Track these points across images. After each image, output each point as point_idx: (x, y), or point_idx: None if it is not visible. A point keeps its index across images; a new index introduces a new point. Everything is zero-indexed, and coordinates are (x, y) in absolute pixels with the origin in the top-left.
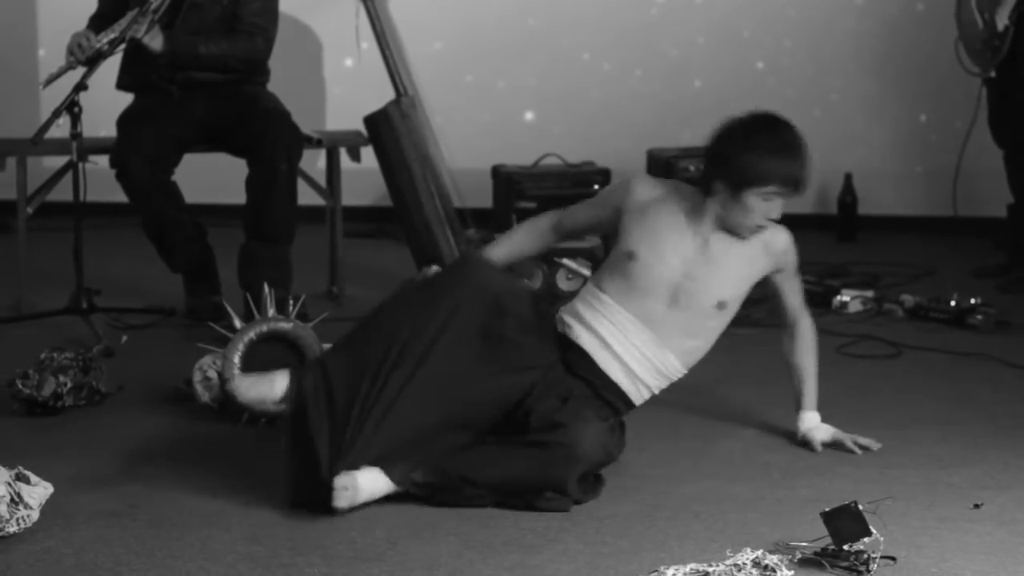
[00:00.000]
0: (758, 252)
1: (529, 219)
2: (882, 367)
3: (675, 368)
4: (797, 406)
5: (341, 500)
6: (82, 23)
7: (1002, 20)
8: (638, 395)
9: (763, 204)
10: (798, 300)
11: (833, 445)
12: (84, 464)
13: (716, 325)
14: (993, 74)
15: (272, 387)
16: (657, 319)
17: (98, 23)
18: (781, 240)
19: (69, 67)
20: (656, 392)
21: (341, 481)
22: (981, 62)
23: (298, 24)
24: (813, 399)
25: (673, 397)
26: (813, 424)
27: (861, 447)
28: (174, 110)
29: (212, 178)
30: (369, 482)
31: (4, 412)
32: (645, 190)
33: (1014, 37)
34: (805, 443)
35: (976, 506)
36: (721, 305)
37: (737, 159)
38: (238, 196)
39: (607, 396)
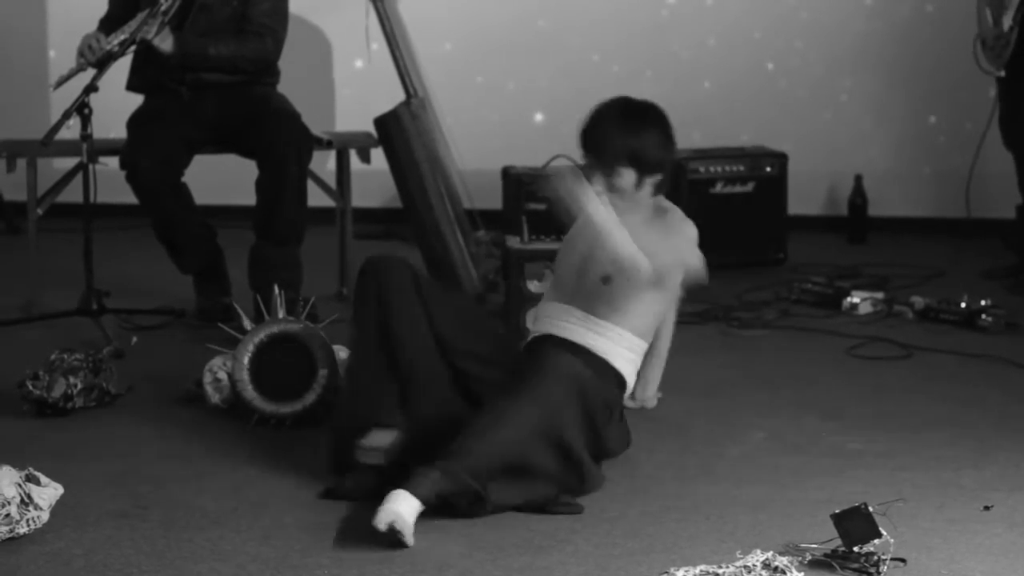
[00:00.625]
0: (654, 221)
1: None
2: (892, 369)
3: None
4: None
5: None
6: (92, 24)
7: (1007, 21)
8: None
9: (587, 173)
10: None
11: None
12: (94, 465)
13: (610, 302)
14: (1003, 73)
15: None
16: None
17: (108, 25)
18: (678, 213)
19: (80, 69)
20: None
21: (387, 517)
22: (993, 60)
23: (308, 25)
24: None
25: (683, 399)
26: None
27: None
28: (184, 111)
29: (222, 179)
30: (408, 509)
31: (14, 413)
32: None
33: (1018, 38)
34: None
35: (986, 508)
36: (606, 280)
37: None
38: (248, 197)
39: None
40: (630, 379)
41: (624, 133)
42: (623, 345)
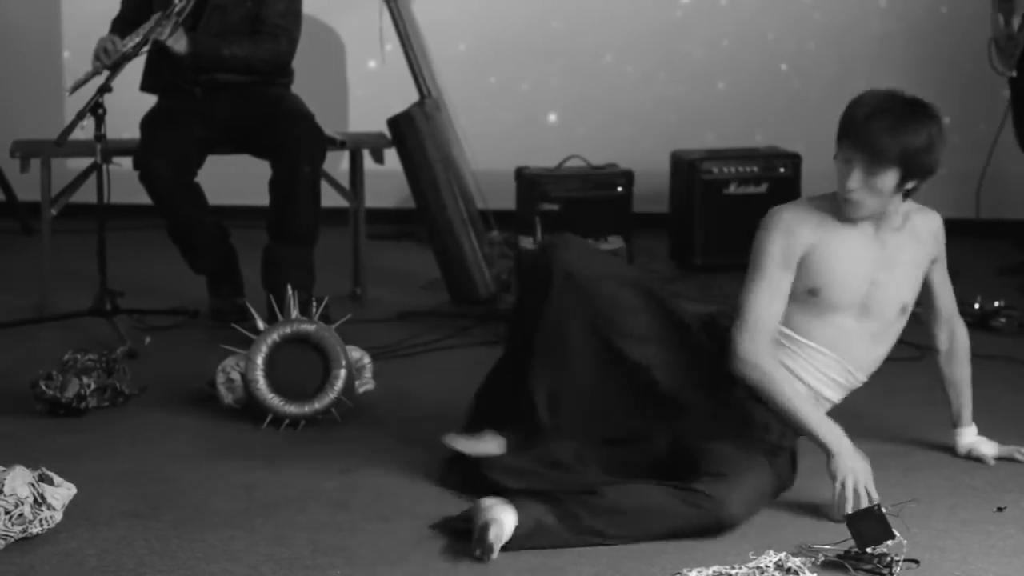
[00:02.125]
0: (912, 240)
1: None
2: (905, 369)
3: (859, 380)
4: (954, 422)
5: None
6: (106, 25)
7: (1016, 21)
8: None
9: (841, 167)
10: (952, 300)
11: (1003, 458)
12: (107, 465)
13: (898, 330)
14: (1014, 74)
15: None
16: (847, 334)
17: (120, 25)
18: (931, 222)
19: (95, 72)
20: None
21: (496, 529)
22: (1005, 61)
23: (322, 26)
24: (969, 413)
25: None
26: (974, 438)
27: None
28: (198, 112)
29: (235, 180)
30: (510, 520)
31: (28, 413)
32: (800, 225)
33: None
34: (973, 458)
35: (999, 509)
36: (904, 310)
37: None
38: (262, 198)
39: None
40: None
41: (902, 132)
42: (850, 390)
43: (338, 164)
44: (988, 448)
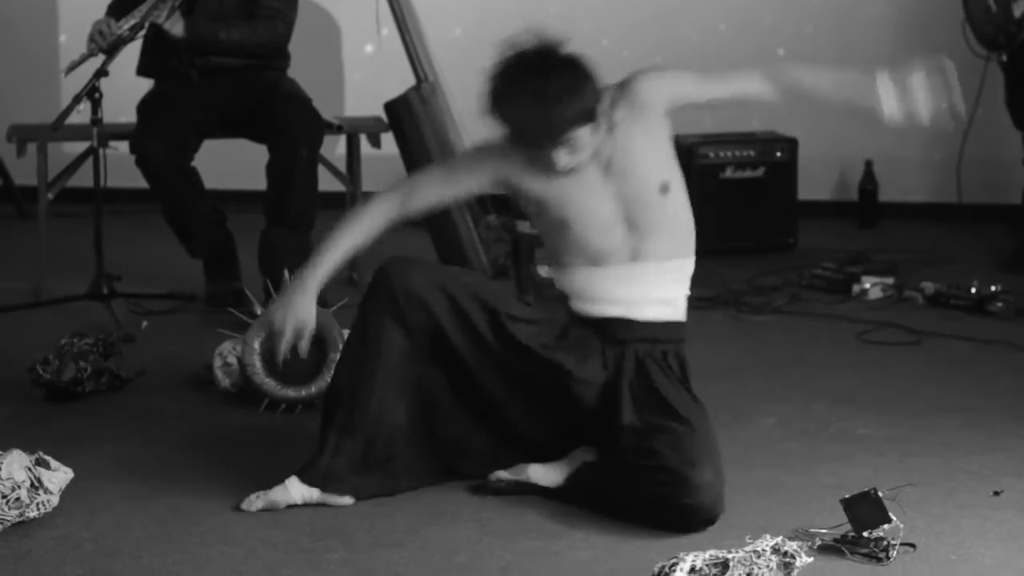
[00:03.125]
0: (634, 124)
1: (360, 208)
2: (902, 354)
3: (681, 266)
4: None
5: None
6: (102, 9)
7: (1019, 7)
8: (677, 312)
9: (536, 154)
10: (741, 82)
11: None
12: (104, 449)
13: (671, 207)
14: (1005, 58)
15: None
16: (628, 249)
17: (117, 9)
18: (637, 92)
19: (91, 54)
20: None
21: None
22: (993, 46)
23: (318, 10)
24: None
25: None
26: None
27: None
28: (194, 96)
29: (232, 164)
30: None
31: (25, 397)
32: (494, 156)
33: None
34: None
35: (996, 493)
36: (664, 188)
37: None
38: (258, 182)
39: (664, 344)
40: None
41: (554, 102)
42: (685, 285)
43: (335, 148)
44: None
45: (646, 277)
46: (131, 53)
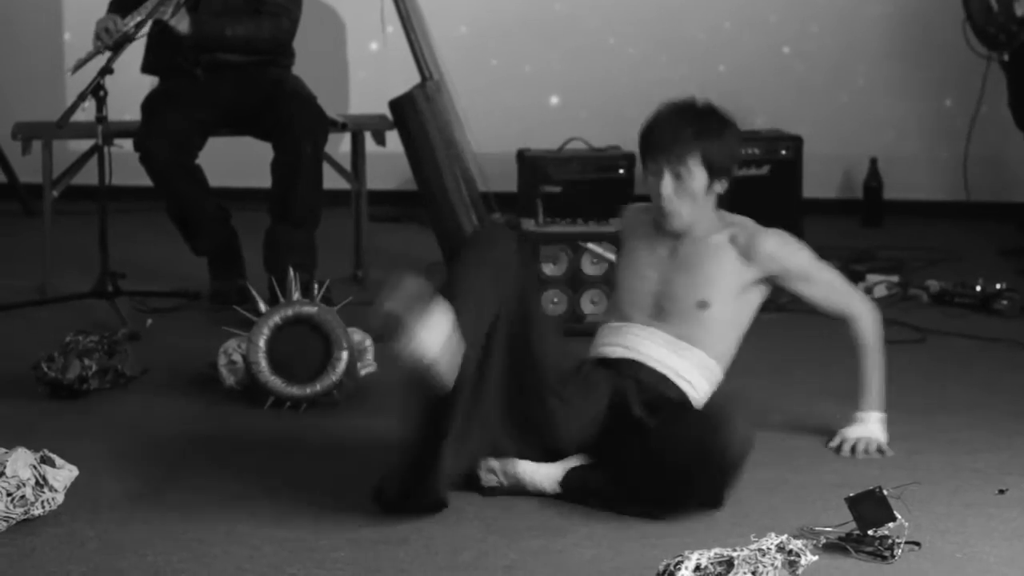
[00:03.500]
0: (729, 253)
1: None
2: (907, 352)
3: (691, 372)
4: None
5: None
6: (107, 6)
7: (1021, 7)
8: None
9: (652, 181)
10: (837, 298)
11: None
12: (109, 447)
13: (705, 327)
14: (1006, 58)
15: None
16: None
17: (119, 6)
18: (760, 245)
19: (97, 52)
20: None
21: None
22: (994, 45)
23: (323, 7)
24: (869, 401)
25: None
26: (854, 426)
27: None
28: (199, 93)
29: (237, 162)
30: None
31: (29, 395)
32: (630, 215)
33: None
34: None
35: (1001, 491)
36: (702, 305)
37: None
38: (263, 180)
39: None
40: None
41: (697, 126)
42: (704, 375)
43: (339, 146)
44: (851, 434)
45: (656, 339)
46: (136, 51)
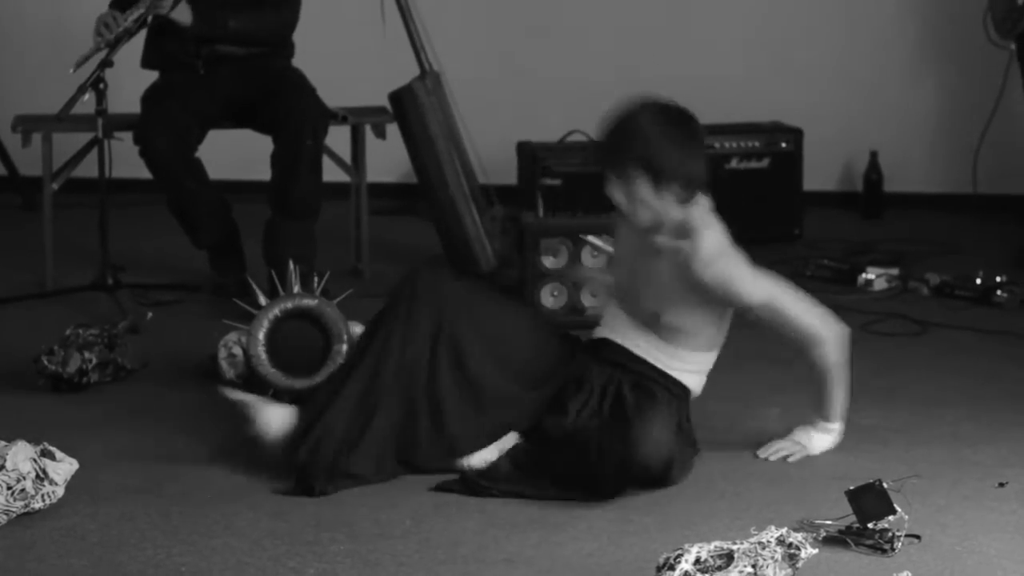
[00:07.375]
0: (675, 269)
1: None
2: (907, 345)
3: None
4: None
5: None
6: None
7: None
8: (665, 366)
9: (610, 192)
10: (792, 329)
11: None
12: (109, 440)
13: (666, 329)
14: (1013, 47)
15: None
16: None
17: (119, 3)
18: (697, 273)
19: (98, 48)
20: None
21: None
22: (1003, 32)
23: None
24: (826, 412)
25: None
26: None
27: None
28: (199, 86)
29: (237, 154)
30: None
31: (30, 388)
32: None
33: None
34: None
35: (1001, 484)
36: (653, 316)
37: None
38: (263, 172)
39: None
40: (695, 389)
41: (630, 136)
42: (690, 365)
43: (339, 138)
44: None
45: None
46: (136, 44)
